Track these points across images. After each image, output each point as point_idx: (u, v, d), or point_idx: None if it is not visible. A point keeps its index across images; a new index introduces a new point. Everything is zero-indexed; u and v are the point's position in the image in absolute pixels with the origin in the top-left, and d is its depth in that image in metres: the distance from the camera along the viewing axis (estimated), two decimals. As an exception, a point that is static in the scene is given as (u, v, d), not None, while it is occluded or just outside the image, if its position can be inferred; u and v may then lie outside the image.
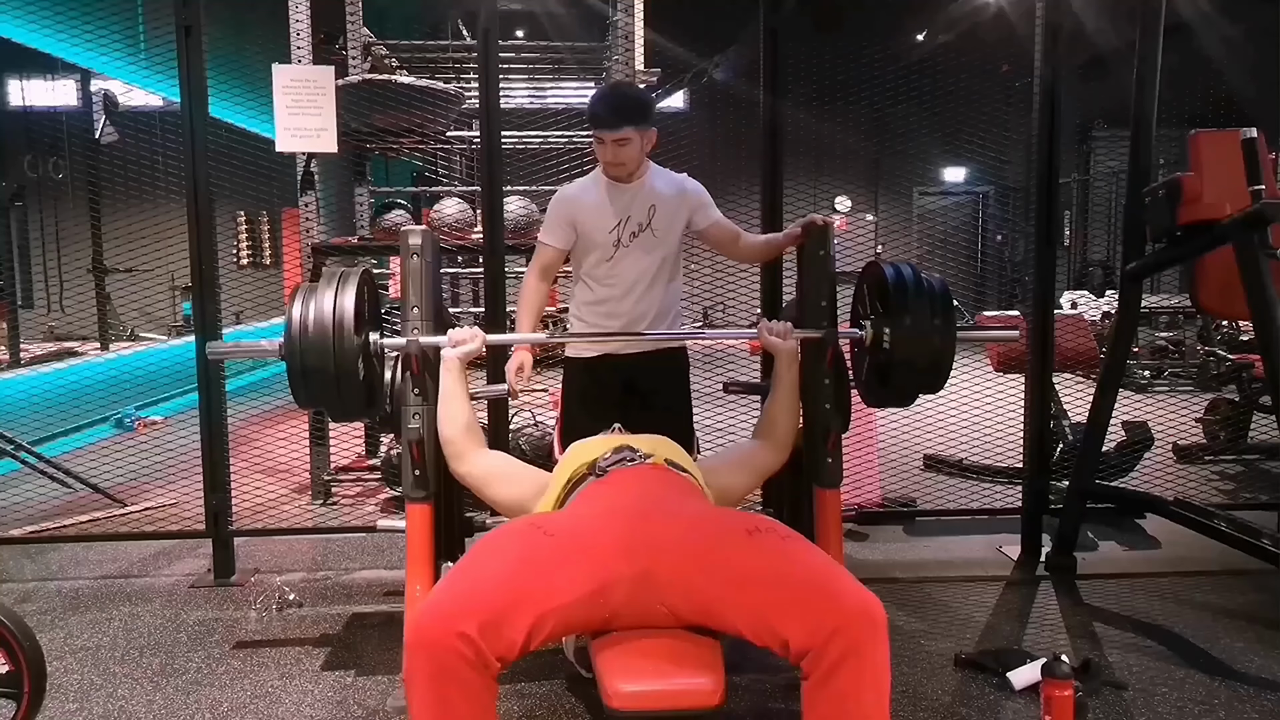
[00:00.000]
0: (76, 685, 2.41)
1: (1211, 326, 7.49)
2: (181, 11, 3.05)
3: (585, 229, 2.64)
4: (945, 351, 2.10)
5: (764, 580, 1.55)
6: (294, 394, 2.05)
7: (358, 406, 2.11)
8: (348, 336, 1.99)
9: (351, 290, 2.02)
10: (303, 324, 1.98)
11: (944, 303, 2.11)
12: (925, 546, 3.53)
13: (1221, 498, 4.08)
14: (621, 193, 2.63)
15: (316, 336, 1.97)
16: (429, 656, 1.45)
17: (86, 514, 3.89)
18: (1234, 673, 2.43)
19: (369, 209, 4.71)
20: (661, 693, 1.51)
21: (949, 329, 2.10)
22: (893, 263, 2.19)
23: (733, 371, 3.83)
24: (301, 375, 2.00)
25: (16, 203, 7.00)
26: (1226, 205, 2.65)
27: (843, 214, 11.16)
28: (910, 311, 2.08)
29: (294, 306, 2.01)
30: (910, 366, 2.10)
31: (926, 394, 2.21)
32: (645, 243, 2.64)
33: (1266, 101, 6.49)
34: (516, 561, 1.59)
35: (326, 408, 2.17)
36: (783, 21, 3.21)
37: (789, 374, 2.20)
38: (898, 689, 2.32)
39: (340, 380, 2.00)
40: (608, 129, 2.50)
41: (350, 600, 3.01)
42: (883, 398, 2.29)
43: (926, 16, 9.70)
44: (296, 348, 1.98)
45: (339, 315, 1.98)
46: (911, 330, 2.08)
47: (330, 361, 1.97)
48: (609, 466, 1.93)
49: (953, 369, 2.16)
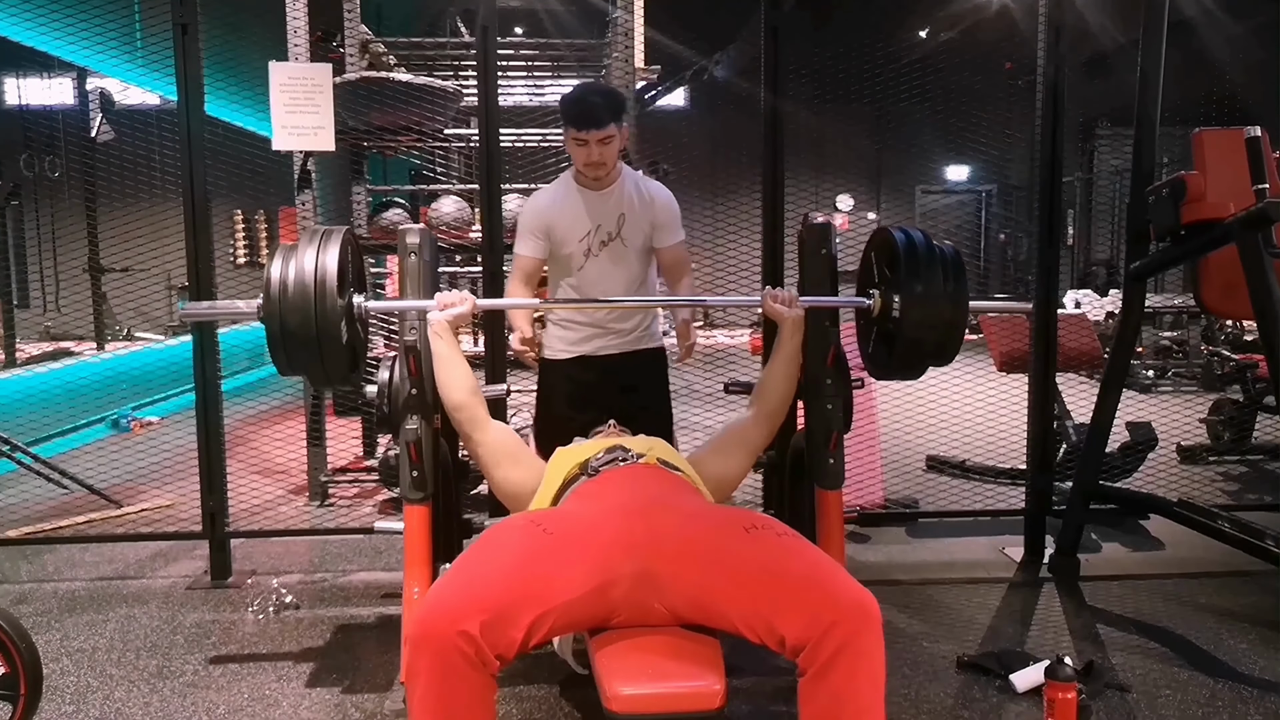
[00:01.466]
0: (73, 687, 2.39)
1: (1215, 326, 7.48)
2: (178, 9, 3.02)
3: (557, 237, 2.63)
4: (957, 321, 2.02)
5: (760, 576, 1.55)
6: (273, 358, 1.95)
7: (340, 371, 2.01)
8: (330, 297, 1.89)
9: (334, 249, 1.93)
10: (282, 284, 1.87)
11: (956, 269, 2.04)
12: (928, 548, 3.51)
13: (1225, 499, 4.07)
14: (592, 199, 2.61)
15: (297, 297, 1.86)
16: (431, 654, 1.45)
17: (82, 515, 3.87)
18: (1238, 675, 2.41)
19: (366, 207, 4.69)
20: (662, 695, 1.49)
21: (961, 296, 2.02)
22: (902, 227, 2.12)
23: (733, 371, 3.81)
24: (281, 338, 1.90)
25: (12, 202, 6.98)
26: (1230, 204, 2.64)
27: (844, 212, 11.15)
28: (921, 278, 1.99)
29: (273, 266, 1.90)
30: (920, 336, 2.02)
31: (935, 366, 2.14)
32: (614, 251, 2.64)
33: (1271, 100, 6.47)
34: (518, 559, 1.59)
35: (307, 373, 2.05)
36: (784, 19, 3.19)
37: (791, 342, 2.16)
38: (899, 691, 2.31)
39: (322, 344, 1.90)
40: (594, 127, 2.45)
41: (348, 602, 2.99)
42: (889, 370, 2.21)
43: (929, 14, 9.68)
44: (276, 309, 1.87)
45: (321, 275, 1.87)
46: (923, 297, 1.99)
47: (312, 324, 1.87)
48: (601, 466, 1.92)
49: (954, 368, 2.13)
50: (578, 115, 2.47)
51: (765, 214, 3.27)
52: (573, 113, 2.49)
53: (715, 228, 4.34)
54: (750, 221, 3.49)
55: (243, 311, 2.01)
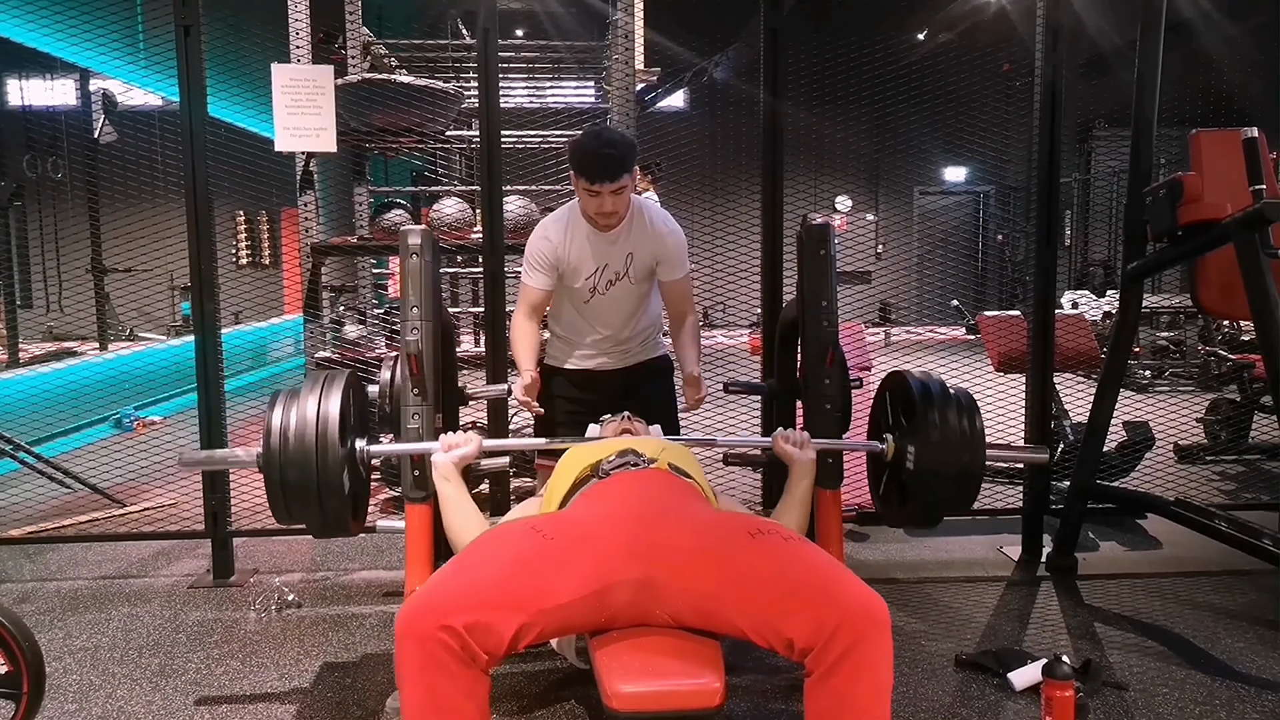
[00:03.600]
0: (75, 686, 2.40)
1: (1212, 326, 7.49)
2: (180, 11, 3.04)
3: (564, 271, 2.60)
4: (974, 474, 1.99)
5: (767, 581, 1.55)
6: (272, 509, 1.92)
7: (342, 521, 1.96)
8: (332, 446, 1.86)
9: (336, 395, 1.90)
10: (283, 433, 1.84)
11: (971, 418, 2.01)
12: (926, 546, 3.53)
13: (1222, 498, 4.07)
14: (601, 240, 2.54)
15: (297, 448, 1.83)
16: (416, 646, 1.47)
17: (85, 514, 3.88)
18: (1235, 673, 2.42)
19: (368, 208, 4.70)
20: (662, 693, 1.50)
21: (977, 449, 1.99)
22: (920, 375, 2.10)
23: (733, 371, 3.82)
24: (281, 490, 1.86)
25: (15, 202, 6.99)
26: (1227, 205, 2.65)
27: (843, 213, 11.16)
28: (936, 427, 1.97)
29: (274, 413, 1.87)
30: (935, 487, 2.00)
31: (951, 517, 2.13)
32: (621, 289, 2.61)
33: (1268, 101, 6.48)
34: (509, 563, 1.59)
35: (307, 523, 1.99)
36: (783, 20, 3.20)
37: (800, 485, 2.07)
38: (898, 690, 2.31)
39: (323, 495, 1.87)
40: (609, 180, 2.34)
41: (349, 601, 3.00)
42: (903, 518, 2.20)
43: (927, 16, 9.70)
44: (276, 460, 1.84)
45: (322, 424, 1.84)
46: (938, 449, 1.96)
47: (313, 474, 1.84)
48: (612, 469, 1.92)
49: (954, 369, 2.15)
50: (593, 169, 2.35)
51: (764, 215, 3.28)
52: (586, 166, 2.36)
53: (715, 228, 4.36)
54: (750, 222, 3.51)
55: (243, 461, 1.95)
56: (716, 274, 3.85)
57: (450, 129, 4.56)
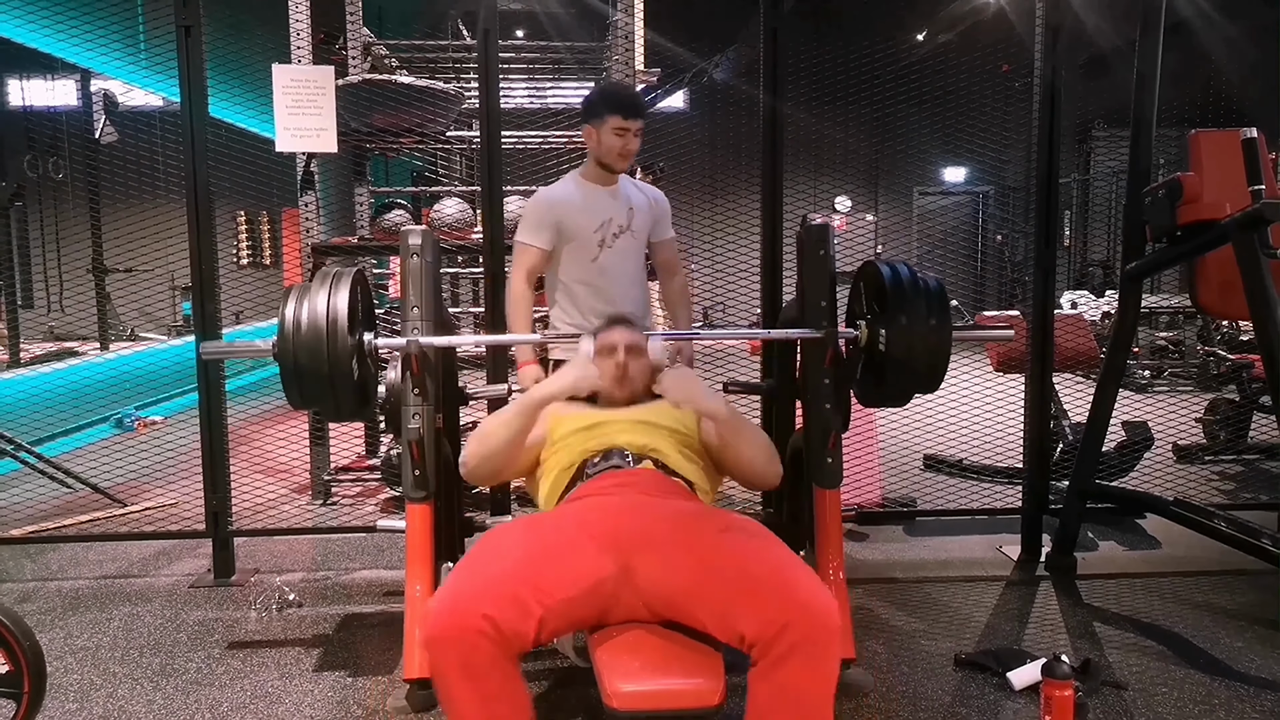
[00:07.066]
0: (76, 685, 2.41)
1: (1211, 326, 7.49)
2: (181, 11, 3.04)
3: (569, 230, 2.68)
4: (941, 352, 2.10)
5: (725, 575, 1.58)
6: (287, 394, 2.05)
7: (351, 407, 2.10)
8: (341, 336, 1.98)
9: (345, 290, 2.02)
10: (296, 324, 1.97)
11: (940, 303, 2.11)
12: (925, 546, 3.53)
13: (1221, 498, 4.08)
14: (600, 195, 2.70)
15: (310, 336, 1.96)
16: (452, 647, 1.47)
17: (86, 514, 3.89)
18: (1234, 673, 2.43)
19: (369, 209, 4.71)
20: (661, 692, 1.51)
21: (945, 330, 2.09)
22: (889, 262, 2.19)
23: (733, 371, 3.83)
24: (295, 376, 1.99)
25: (16, 203, 6.98)
26: (1226, 205, 2.65)
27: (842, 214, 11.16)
28: (906, 312, 2.07)
29: (287, 306, 2.00)
30: (906, 367, 2.10)
31: (922, 394, 2.22)
32: (625, 244, 2.73)
33: (1267, 101, 6.49)
34: (521, 557, 1.63)
35: (320, 408, 2.15)
36: (783, 21, 3.21)
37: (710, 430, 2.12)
38: (897, 689, 2.33)
39: (334, 381, 1.99)
40: (638, 116, 2.59)
41: (350, 600, 3.01)
42: (878, 398, 2.29)
43: (926, 16, 9.70)
44: (290, 348, 1.97)
45: (332, 315, 1.97)
46: (907, 331, 2.07)
47: (324, 362, 1.96)
48: (597, 472, 1.99)
49: (953, 369, 2.16)
50: (627, 104, 2.59)
51: (764, 215, 3.28)
52: (621, 102, 2.61)
53: (715, 228, 4.36)
54: (749, 222, 3.51)
55: (260, 350, 2.08)
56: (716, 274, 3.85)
57: (451, 129, 4.57)
